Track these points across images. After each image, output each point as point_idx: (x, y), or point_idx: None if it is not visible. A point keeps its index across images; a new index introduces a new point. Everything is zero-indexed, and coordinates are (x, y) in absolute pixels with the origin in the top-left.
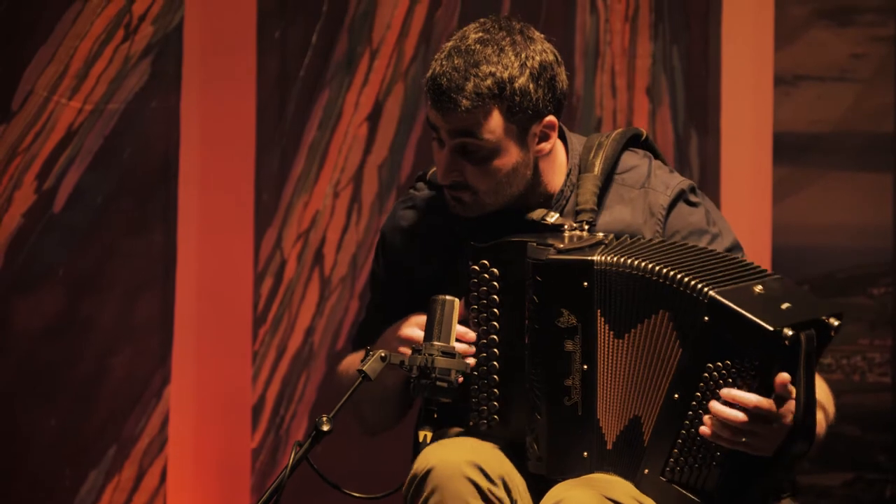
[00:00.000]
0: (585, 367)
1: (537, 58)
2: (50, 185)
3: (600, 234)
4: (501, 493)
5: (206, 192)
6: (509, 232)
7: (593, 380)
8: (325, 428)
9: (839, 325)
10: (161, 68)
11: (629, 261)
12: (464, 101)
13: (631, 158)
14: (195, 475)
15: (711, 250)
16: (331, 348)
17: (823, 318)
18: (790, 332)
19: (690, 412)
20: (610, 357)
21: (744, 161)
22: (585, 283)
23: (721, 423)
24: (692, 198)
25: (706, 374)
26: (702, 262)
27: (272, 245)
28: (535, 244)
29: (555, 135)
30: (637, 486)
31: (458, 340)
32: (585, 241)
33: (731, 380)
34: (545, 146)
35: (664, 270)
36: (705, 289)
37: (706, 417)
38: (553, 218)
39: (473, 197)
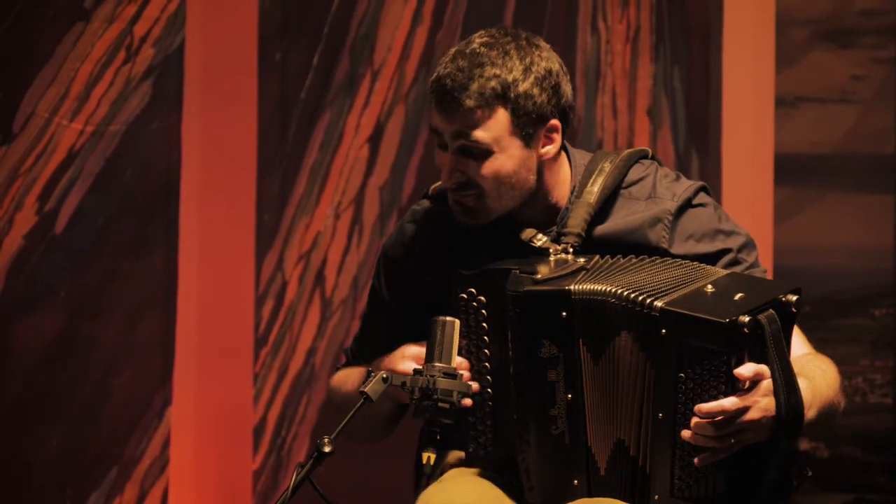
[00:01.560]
0: (570, 395)
1: (542, 63)
2: (51, 207)
3: (581, 260)
4: None
5: (208, 213)
6: (502, 251)
7: (579, 408)
8: (327, 449)
9: (798, 300)
10: (162, 90)
11: (601, 287)
12: (468, 100)
13: (638, 170)
14: (196, 497)
15: (681, 261)
16: (332, 370)
17: (780, 297)
18: (746, 319)
19: (678, 426)
20: (592, 384)
21: (745, 182)
22: (564, 313)
23: (705, 439)
24: (700, 199)
25: (681, 385)
26: (665, 274)
27: (273, 266)
28: (517, 271)
29: (559, 139)
30: None
31: None
32: (567, 268)
33: (705, 383)
34: (550, 150)
35: (619, 291)
36: (655, 302)
37: (692, 430)
38: (541, 241)
39: (477, 200)
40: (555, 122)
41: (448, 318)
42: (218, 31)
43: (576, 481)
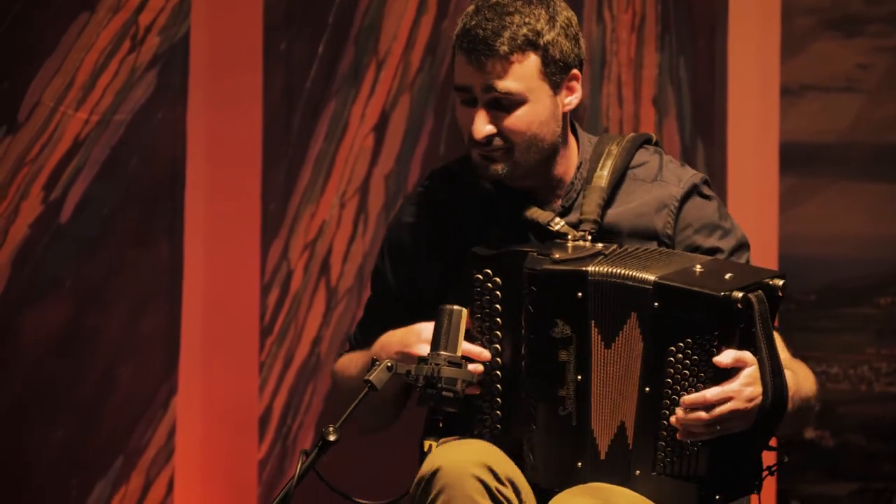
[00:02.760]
0: (579, 377)
1: (564, 13)
2: (57, 196)
3: (599, 245)
4: (510, 493)
5: (213, 202)
6: (510, 231)
7: (587, 390)
8: (332, 438)
9: (784, 285)
10: (167, 79)
11: (617, 270)
12: (502, 47)
13: (643, 155)
14: (202, 486)
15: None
16: (336, 358)
17: (767, 280)
18: (740, 295)
19: (667, 401)
20: (602, 367)
21: (750, 171)
22: (580, 294)
23: (691, 428)
24: (705, 190)
25: (671, 359)
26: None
27: (279, 256)
28: (535, 254)
29: (580, 91)
30: (632, 488)
31: (470, 361)
32: (585, 252)
33: (695, 357)
34: (572, 101)
35: (631, 273)
36: (649, 276)
37: (677, 422)
38: (558, 225)
39: (506, 155)
40: (576, 71)
41: (455, 307)
42: (223, 20)
43: (579, 463)
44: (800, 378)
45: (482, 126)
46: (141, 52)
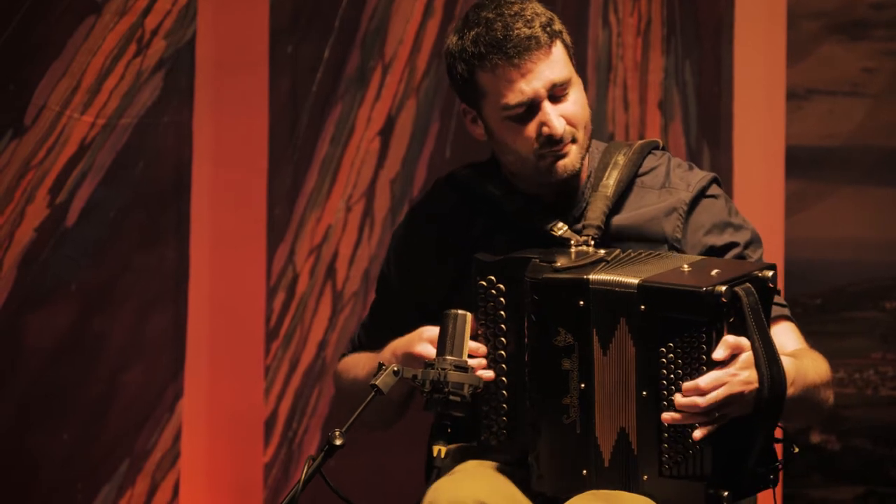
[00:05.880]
0: (583, 385)
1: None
2: (62, 200)
3: (602, 252)
4: None
5: (219, 206)
6: (517, 237)
7: (591, 398)
8: (338, 442)
9: (773, 276)
10: (173, 83)
11: (617, 278)
12: (543, 36)
13: (650, 161)
14: (208, 490)
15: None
16: (337, 361)
17: (755, 272)
18: (723, 289)
19: (665, 402)
20: (602, 374)
21: (756, 175)
22: (581, 302)
23: (690, 414)
24: (713, 190)
25: (663, 360)
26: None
27: (284, 259)
28: (537, 261)
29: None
30: (642, 493)
31: (470, 356)
32: (587, 258)
33: (687, 356)
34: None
35: (628, 280)
36: (633, 280)
37: (671, 418)
38: (561, 231)
39: (573, 146)
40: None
41: (460, 312)
42: (229, 24)
43: (584, 471)
44: (805, 364)
45: (559, 120)
46: (147, 55)
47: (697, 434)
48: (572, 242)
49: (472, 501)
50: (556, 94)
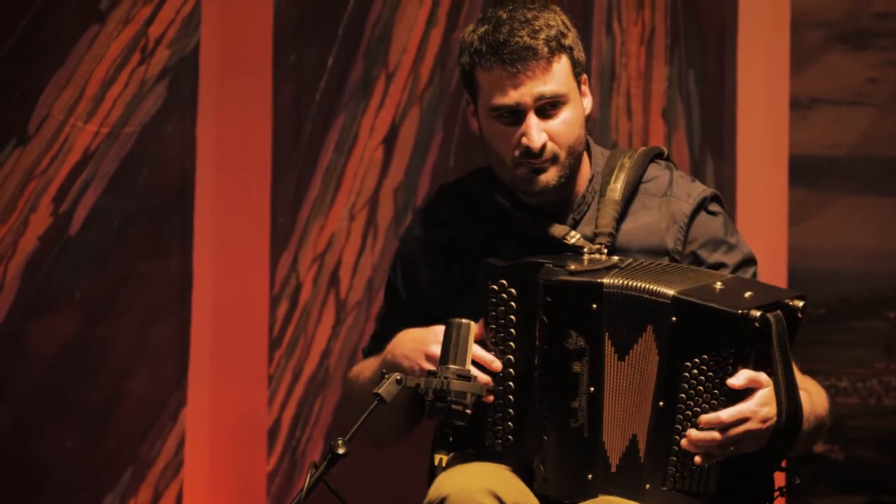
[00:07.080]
0: (592, 389)
1: (565, 19)
2: (66, 208)
3: (615, 258)
4: None
5: (222, 215)
6: (524, 243)
7: (600, 402)
8: (341, 451)
9: (804, 306)
10: (177, 92)
11: (632, 283)
12: (544, 49)
13: (654, 169)
14: (211, 498)
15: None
16: (346, 371)
17: (787, 301)
18: (758, 314)
19: (680, 416)
20: (615, 379)
21: (760, 184)
22: (594, 306)
23: (704, 448)
24: (713, 207)
25: (686, 374)
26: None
27: (288, 268)
28: (550, 265)
29: (589, 94)
30: (642, 502)
31: (481, 368)
32: (601, 264)
33: (710, 374)
34: (588, 103)
35: (648, 286)
36: (668, 291)
37: (689, 444)
38: (574, 238)
39: (554, 163)
40: (585, 75)
41: (463, 320)
42: (233, 32)
43: (590, 476)
44: (814, 397)
45: (539, 135)
46: (151, 64)
47: (698, 459)
48: (585, 250)
49: (479, 488)
50: (545, 108)
